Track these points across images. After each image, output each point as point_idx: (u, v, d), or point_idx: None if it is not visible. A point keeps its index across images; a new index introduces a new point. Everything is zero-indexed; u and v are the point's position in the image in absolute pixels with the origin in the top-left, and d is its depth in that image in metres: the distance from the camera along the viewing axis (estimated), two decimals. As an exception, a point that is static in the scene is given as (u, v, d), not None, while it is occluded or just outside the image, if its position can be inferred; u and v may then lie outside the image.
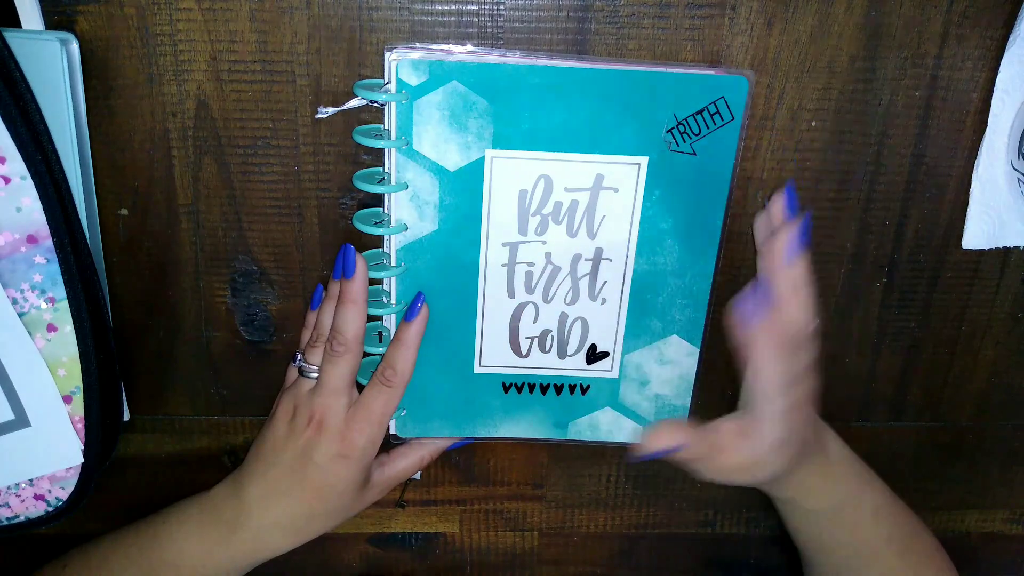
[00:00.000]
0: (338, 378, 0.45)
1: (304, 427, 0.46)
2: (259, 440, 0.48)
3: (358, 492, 0.48)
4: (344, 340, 0.45)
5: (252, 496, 0.46)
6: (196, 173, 0.46)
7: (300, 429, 0.46)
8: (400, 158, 0.44)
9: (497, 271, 0.47)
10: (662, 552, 0.60)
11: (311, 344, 0.47)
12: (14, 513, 0.47)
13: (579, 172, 0.45)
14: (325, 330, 0.46)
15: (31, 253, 0.41)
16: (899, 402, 0.55)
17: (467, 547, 0.59)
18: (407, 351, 0.46)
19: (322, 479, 0.46)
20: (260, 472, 0.47)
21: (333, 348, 0.45)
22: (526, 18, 0.43)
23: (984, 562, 0.62)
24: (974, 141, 0.47)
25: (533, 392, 0.51)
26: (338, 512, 0.48)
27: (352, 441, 0.46)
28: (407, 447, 0.51)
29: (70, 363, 0.44)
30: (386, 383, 0.46)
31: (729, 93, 0.44)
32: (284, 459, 0.46)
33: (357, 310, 0.45)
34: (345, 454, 0.46)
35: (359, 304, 0.45)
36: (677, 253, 0.47)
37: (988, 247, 0.49)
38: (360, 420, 0.46)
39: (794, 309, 0.43)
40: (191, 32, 0.42)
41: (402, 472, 0.50)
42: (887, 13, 0.44)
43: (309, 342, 0.47)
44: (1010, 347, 0.53)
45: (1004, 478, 0.59)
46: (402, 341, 0.46)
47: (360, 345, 0.45)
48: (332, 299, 0.46)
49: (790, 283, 0.43)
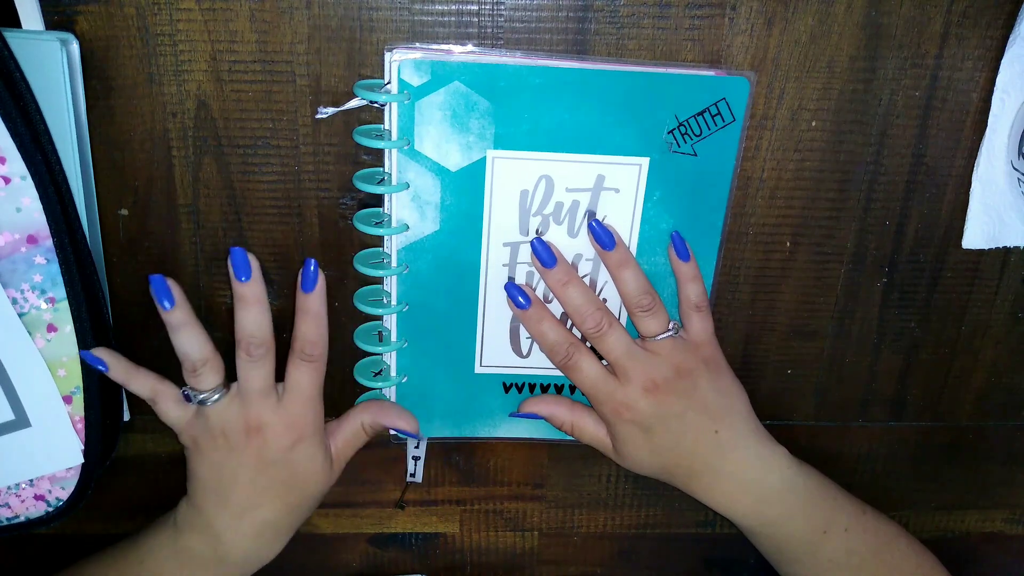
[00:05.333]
0: (262, 379, 0.44)
1: (244, 440, 0.45)
2: (197, 477, 0.46)
3: (325, 470, 0.47)
4: (262, 341, 0.43)
5: (223, 526, 0.45)
6: (196, 173, 0.46)
7: (240, 444, 0.45)
8: (401, 158, 0.44)
9: (498, 271, 0.47)
10: (662, 552, 0.60)
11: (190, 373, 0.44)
12: (14, 513, 0.47)
13: (580, 173, 0.45)
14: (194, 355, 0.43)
15: (31, 253, 0.41)
16: (899, 402, 0.55)
17: (467, 547, 0.59)
18: (315, 320, 0.44)
19: (288, 473, 0.46)
20: (220, 503, 0.45)
21: (251, 353, 0.43)
22: (526, 18, 0.43)
23: (984, 562, 0.62)
24: (974, 141, 0.47)
25: (534, 392, 0.51)
26: (313, 496, 0.47)
27: (299, 425, 0.45)
28: (346, 415, 0.49)
29: (70, 363, 0.44)
30: (307, 359, 0.45)
31: (730, 94, 0.44)
32: (240, 477, 0.45)
33: (263, 308, 0.43)
34: (299, 440, 0.45)
35: (263, 302, 0.43)
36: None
37: (988, 247, 0.49)
38: (296, 403, 0.45)
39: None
40: (191, 32, 0.42)
41: (351, 439, 0.48)
42: (887, 13, 0.44)
43: (186, 373, 0.44)
44: (1010, 347, 0.53)
45: (1004, 478, 0.59)
46: (308, 312, 0.44)
47: (274, 345, 0.44)
48: (179, 327, 0.43)
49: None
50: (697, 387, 0.47)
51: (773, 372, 0.53)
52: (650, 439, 0.47)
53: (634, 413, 0.46)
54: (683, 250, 0.46)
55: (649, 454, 0.48)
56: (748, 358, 0.53)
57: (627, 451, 0.48)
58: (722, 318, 0.51)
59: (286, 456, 0.45)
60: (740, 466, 0.48)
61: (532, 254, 0.46)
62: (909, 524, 0.59)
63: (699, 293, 0.47)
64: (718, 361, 0.48)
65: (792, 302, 0.51)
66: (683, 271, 0.47)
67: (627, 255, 0.46)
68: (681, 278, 0.47)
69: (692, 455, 0.47)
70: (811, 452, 0.51)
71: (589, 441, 0.50)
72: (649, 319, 0.46)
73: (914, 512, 0.59)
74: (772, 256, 0.50)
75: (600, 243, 0.45)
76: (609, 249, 0.46)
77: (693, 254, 0.47)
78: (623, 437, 0.47)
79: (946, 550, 0.51)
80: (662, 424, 0.46)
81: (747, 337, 0.52)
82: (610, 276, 0.47)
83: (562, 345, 0.46)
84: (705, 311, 0.47)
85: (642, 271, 0.46)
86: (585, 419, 0.49)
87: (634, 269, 0.46)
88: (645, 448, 0.47)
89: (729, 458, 0.47)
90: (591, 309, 0.46)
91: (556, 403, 0.50)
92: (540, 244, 0.46)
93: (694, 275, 0.47)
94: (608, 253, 0.46)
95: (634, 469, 0.49)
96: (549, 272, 0.46)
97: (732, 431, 0.47)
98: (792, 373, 0.53)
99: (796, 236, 0.49)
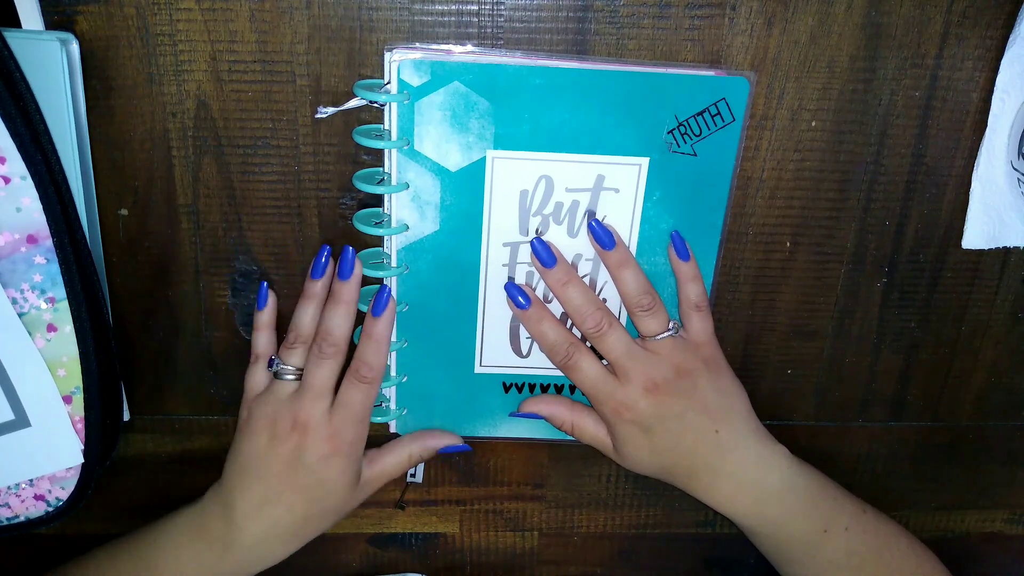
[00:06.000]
0: (324, 380, 0.45)
1: (288, 433, 0.45)
2: (236, 452, 0.47)
3: (351, 490, 0.48)
4: (334, 341, 0.45)
5: (242, 512, 0.46)
6: (196, 173, 0.46)
7: (284, 435, 0.45)
8: (401, 158, 0.44)
9: (498, 271, 0.47)
10: (662, 552, 0.60)
11: (287, 346, 0.47)
12: (14, 513, 0.47)
13: (580, 173, 0.45)
14: (305, 331, 0.46)
15: (31, 253, 0.41)
16: (899, 402, 0.55)
17: (467, 547, 0.59)
18: (378, 346, 0.45)
19: (315, 481, 0.46)
20: (247, 486, 0.46)
21: (322, 350, 0.45)
22: (526, 18, 0.43)
23: (984, 562, 0.62)
24: (974, 141, 0.47)
25: (534, 392, 0.51)
26: (332, 512, 0.48)
27: (340, 440, 0.46)
28: (396, 443, 0.50)
29: (70, 363, 0.44)
30: (362, 380, 0.46)
31: (730, 94, 0.44)
32: (271, 468, 0.46)
33: (349, 312, 0.45)
34: (335, 453, 0.46)
35: (352, 306, 0.45)
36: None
37: (988, 247, 0.49)
38: (343, 418, 0.46)
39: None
40: (191, 32, 0.42)
41: (391, 468, 0.50)
42: (887, 13, 0.44)
43: (285, 343, 0.47)
44: (1010, 347, 0.53)
45: (1004, 478, 0.59)
46: (372, 336, 0.45)
47: (347, 347, 0.45)
48: (310, 299, 0.46)
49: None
50: (697, 387, 0.47)
51: (773, 372, 0.53)
52: (650, 439, 0.47)
53: (634, 413, 0.46)
54: (683, 250, 0.46)
55: (649, 454, 0.48)
56: (748, 358, 0.53)
57: (627, 451, 0.48)
58: (722, 318, 0.51)
59: (318, 465, 0.46)
60: (740, 466, 0.48)
61: (532, 254, 0.46)
62: (909, 524, 0.59)
63: (699, 293, 0.47)
64: (718, 361, 0.48)
65: (792, 302, 0.51)
66: (683, 271, 0.47)
67: (627, 255, 0.46)
68: (681, 278, 0.47)
69: (692, 455, 0.47)
70: (811, 452, 0.51)
71: (589, 441, 0.50)
72: (649, 319, 0.46)
73: (914, 512, 0.59)
74: (772, 256, 0.50)
75: (600, 243, 0.45)
76: (609, 249, 0.46)
77: (693, 254, 0.47)
78: (623, 437, 0.47)
79: (946, 550, 0.51)
80: (662, 424, 0.46)
81: (747, 337, 0.52)
82: (610, 276, 0.47)
83: (562, 345, 0.46)
84: (705, 311, 0.47)
85: (642, 271, 0.46)
86: (585, 419, 0.49)
87: (634, 269, 0.46)
88: (645, 448, 0.47)
89: (729, 458, 0.47)
90: (591, 309, 0.46)
91: (556, 403, 0.50)
92: (540, 244, 0.46)
93: (694, 275, 0.47)
94: (608, 253, 0.46)
95: (634, 469, 0.49)
96: (549, 272, 0.46)
97: (732, 431, 0.47)
98: (792, 373, 0.53)
99: (796, 236, 0.49)
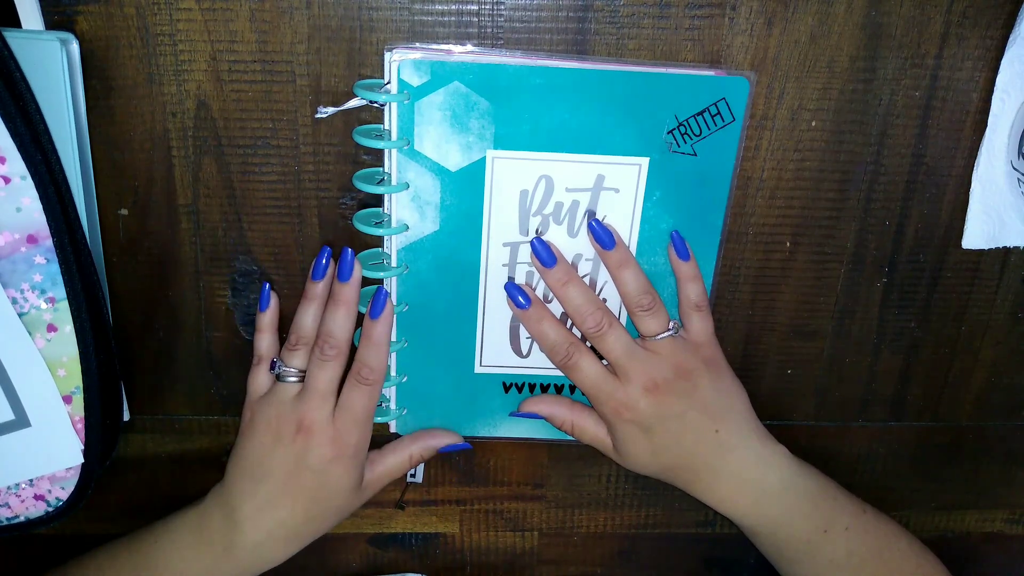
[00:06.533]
0: (327, 382, 0.45)
1: (292, 435, 0.45)
2: (239, 454, 0.47)
3: (353, 492, 0.48)
4: (335, 343, 0.45)
5: (244, 514, 0.46)
6: (196, 173, 0.46)
7: (287, 438, 0.46)
8: (401, 158, 0.44)
9: (498, 271, 0.47)
10: (662, 552, 0.60)
11: (289, 347, 0.46)
12: (14, 513, 0.47)
13: (580, 173, 0.45)
14: (306, 333, 0.46)
15: (31, 253, 0.41)
16: (899, 402, 0.55)
17: (467, 547, 0.59)
18: (378, 348, 0.46)
19: (318, 484, 0.46)
20: (249, 488, 0.46)
21: (324, 352, 0.45)
22: (526, 18, 0.43)
23: (984, 562, 0.62)
24: (974, 141, 0.47)
25: (534, 392, 0.51)
26: (334, 514, 0.48)
27: (344, 442, 0.46)
28: (396, 444, 0.50)
29: (70, 363, 0.44)
30: (364, 382, 0.46)
31: (730, 94, 0.44)
32: (275, 470, 0.46)
33: (349, 313, 0.45)
34: (339, 456, 0.46)
35: (352, 307, 0.45)
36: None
37: (988, 247, 0.49)
38: (346, 420, 0.46)
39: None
40: (191, 32, 0.42)
41: (393, 469, 0.50)
42: (887, 13, 0.44)
43: (287, 345, 0.47)
44: (1010, 347, 0.53)
45: (1004, 478, 0.59)
46: (371, 338, 0.45)
47: (348, 348, 0.45)
48: (311, 301, 0.46)
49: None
50: (697, 387, 0.47)
51: (773, 372, 0.53)
52: (650, 439, 0.47)
53: (634, 413, 0.46)
54: (683, 250, 0.46)
55: (649, 454, 0.48)
56: (748, 358, 0.53)
57: (627, 451, 0.48)
58: (722, 318, 0.51)
59: (322, 468, 0.46)
60: (740, 466, 0.48)
61: (532, 254, 0.46)
62: (909, 524, 0.59)
63: (699, 293, 0.47)
64: (718, 361, 0.48)
65: (792, 302, 0.51)
66: (683, 271, 0.47)
67: (627, 255, 0.46)
68: (681, 278, 0.47)
69: (692, 455, 0.47)
70: (811, 452, 0.51)
71: (589, 441, 0.50)
72: (649, 319, 0.46)
73: (914, 512, 0.59)
74: (772, 256, 0.50)
75: (600, 243, 0.45)
76: (609, 249, 0.46)
77: (693, 254, 0.47)
78: (623, 437, 0.47)
79: (946, 550, 0.51)
80: (662, 424, 0.46)
81: (747, 337, 0.52)
82: (610, 276, 0.47)
83: (562, 345, 0.46)
84: (705, 311, 0.47)
85: (642, 271, 0.46)
86: (585, 419, 0.49)
87: (634, 269, 0.46)
88: (645, 448, 0.47)
89: (729, 458, 0.47)
90: (591, 309, 0.46)
91: (556, 403, 0.50)
92: (540, 244, 0.46)
93: (694, 275, 0.47)
94: (608, 253, 0.46)
95: (634, 469, 0.49)
96: (549, 272, 0.46)
97: (732, 431, 0.47)
98: (792, 373, 0.53)
99: (796, 236, 0.49)
